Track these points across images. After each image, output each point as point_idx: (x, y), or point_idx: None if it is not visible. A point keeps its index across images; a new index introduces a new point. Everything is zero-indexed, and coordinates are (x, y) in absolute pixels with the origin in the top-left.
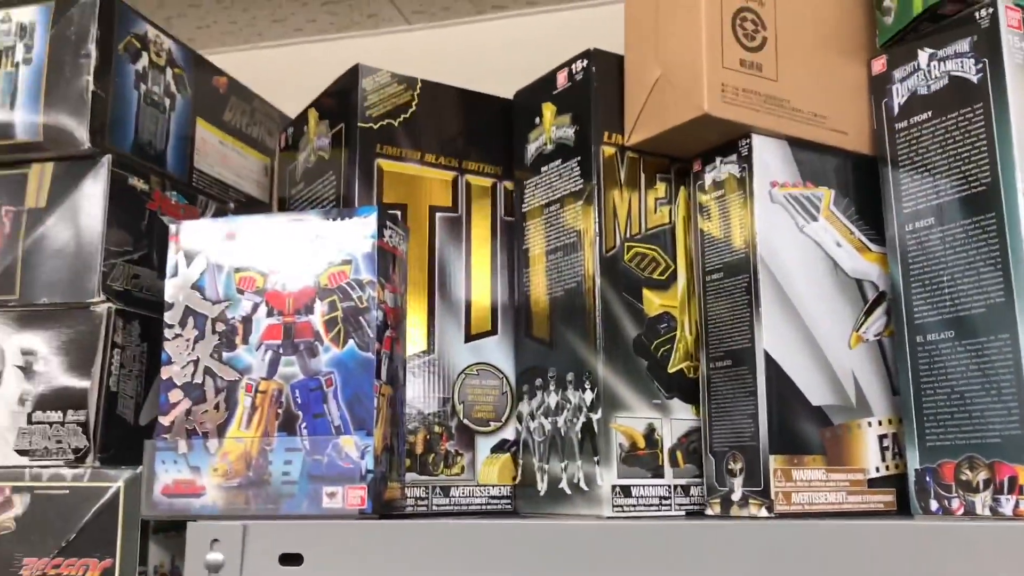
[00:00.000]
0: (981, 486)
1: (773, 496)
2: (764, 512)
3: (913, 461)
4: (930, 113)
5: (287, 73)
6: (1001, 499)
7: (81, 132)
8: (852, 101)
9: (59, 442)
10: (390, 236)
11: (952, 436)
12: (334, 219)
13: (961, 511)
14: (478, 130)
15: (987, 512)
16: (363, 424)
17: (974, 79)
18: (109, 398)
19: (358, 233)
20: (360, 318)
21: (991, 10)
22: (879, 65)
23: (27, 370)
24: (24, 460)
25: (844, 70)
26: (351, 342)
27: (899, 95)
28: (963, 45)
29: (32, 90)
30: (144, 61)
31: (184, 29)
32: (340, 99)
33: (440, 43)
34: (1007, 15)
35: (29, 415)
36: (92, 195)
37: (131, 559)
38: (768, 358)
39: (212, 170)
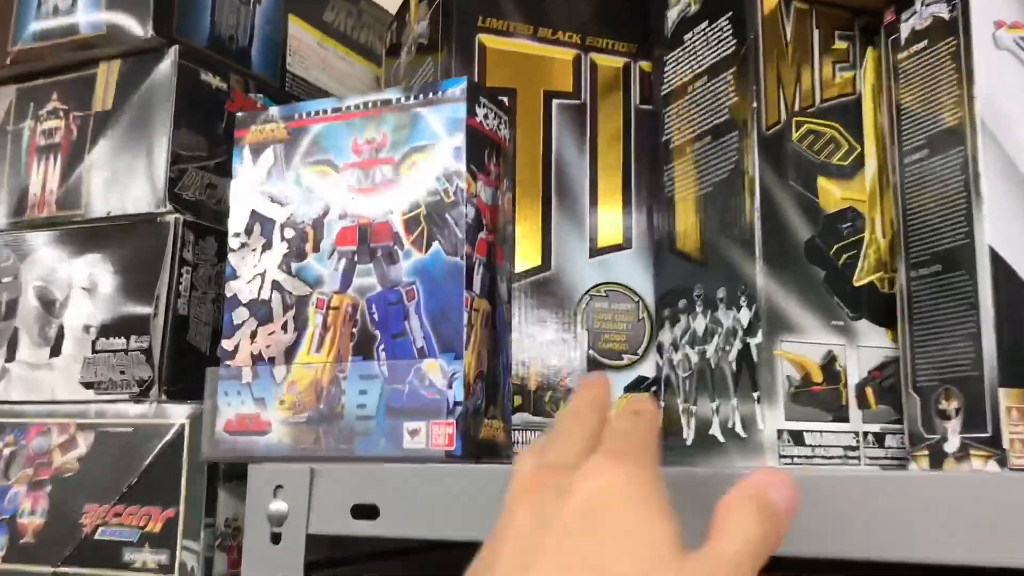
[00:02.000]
0: None
1: (1007, 445)
2: (993, 466)
3: None
4: None
5: None
6: None
7: (144, 21)
8: None
9: (123, 372)
10: (485, 116)
11: None
12: (416, 96)
13: None
14: (606, 1)
15: None
16: (451, 345)
17: None
18: (177, 323)
19: (445, 112)
20: (447, 215)
21: None
22: None
23: (92, 292)
24: (90, 394)
25: None
26: (436, 244)
27: None
28: None
29: None
30: None
31: None
32: None
33: None
34: None
35: (93, 343)
36: (158, 92)
37: (196, 509)
38: (995, 257)
39: (309, 75)
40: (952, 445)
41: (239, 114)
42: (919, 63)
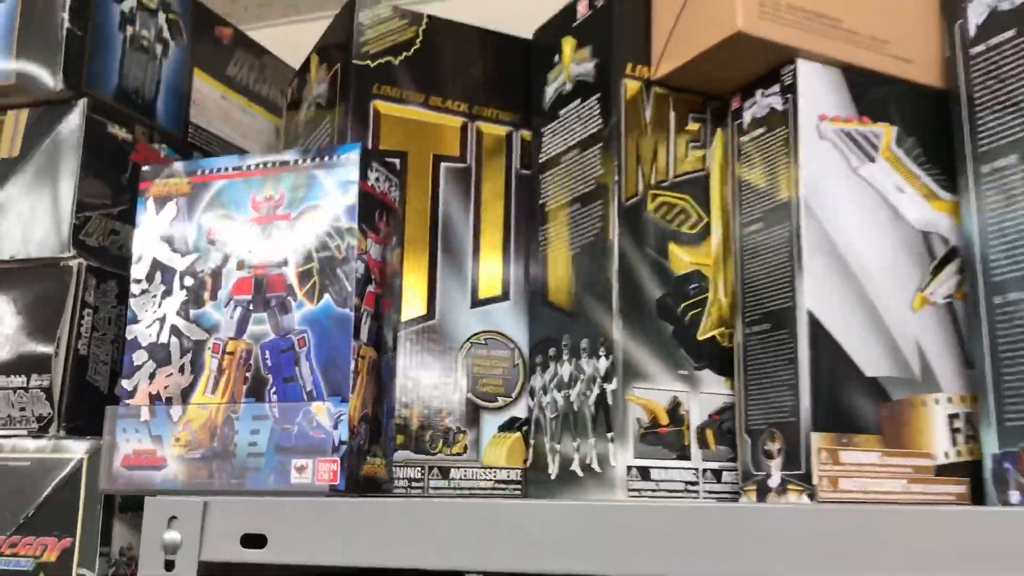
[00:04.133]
0: None
1: (816, 481)
2: (806, 500)
3: (990, 445)
4: (1015, 31)
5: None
6: None
7: (55, 72)
8: (919, 24)
9: (23, 409)
10: (376, 180)
11: None
12: (313, 159)
13: None
14: (493, 73)
15: None
16: (338, 389)
17: None
18: (78, 362)
19: (339, 174)
20: (338, 270)
21: None
22: None
23: None
24: None
25: None
26: (327, 296)
27: (975, 14)
28: None
29: (4, 29)
30: (131, 2)
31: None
32: (336, 37)
33: None
34: None
35: None
36: (66, 141)
37: (92, 538)
38: (812, 319)
39: (212, 126)
40: (775, 481)
41: (144, 168)
42: (758, 146)
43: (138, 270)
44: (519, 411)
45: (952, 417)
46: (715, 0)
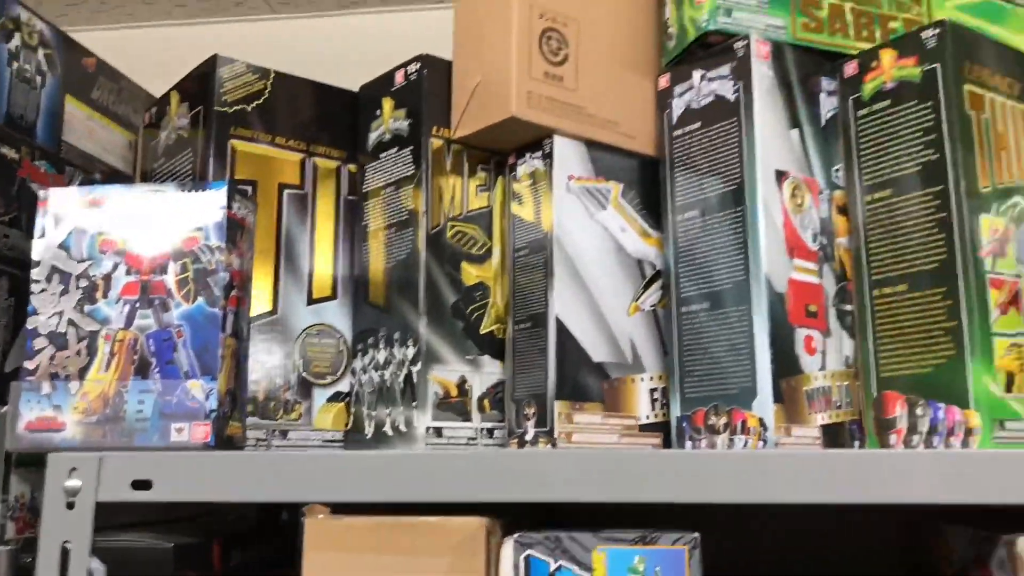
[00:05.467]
0: (721, 428)
1: (556, 435)
2: (549, 448)
3: (675, 410)
4: (699, 124)
5: (157, 53)
6: (735, 439)
7: None
8: (642, 110)
9: None
10: (238, 208)
11: (703, 389)
12: (189, 191)
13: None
14: (326, 118)
15: (725, 449)
16: (209, 370)
17: (731, 98)
18: None
19: (209, 204)
20: (208, 279)
21: (745, 43)
22: (663, 81)
23: None
24: None
25: (637, 84)
26: (200, 299)
27: (677, 108)
28: (725, 70)
29: None
30: (17, 41)
31: (54, 6)
32: (199, 84)
33: (302, 32)
34: (758, 48)
35: None
36: None
37: None
38: (558, 321)
39: (79, 143)
40: (530, 435)
41: (51, 189)
42: (526, 193)
43: (38, 273)
44: (343, 387)
45: (653, 390)
46: (496, 90)
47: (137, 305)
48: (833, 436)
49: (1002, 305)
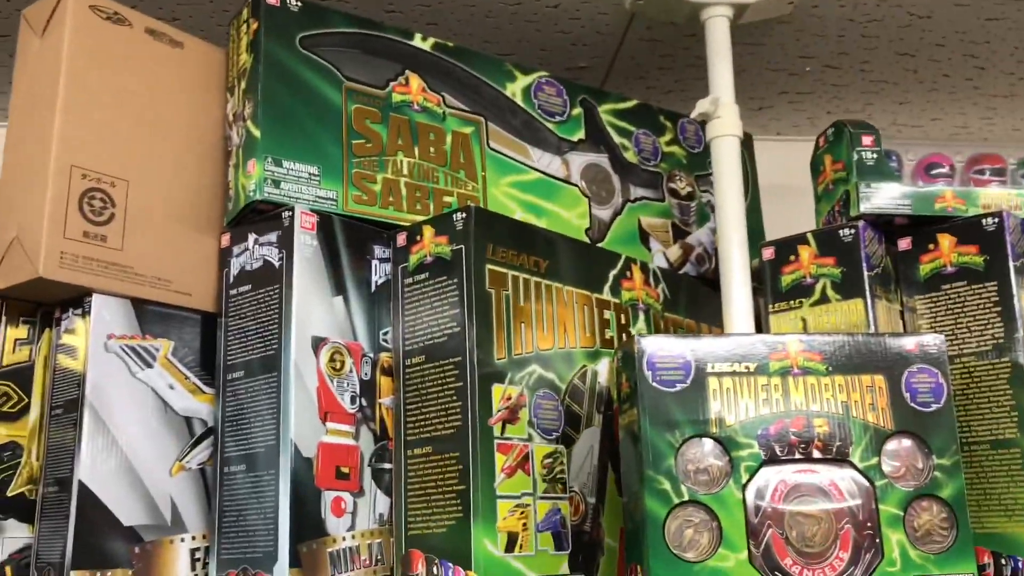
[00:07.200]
0: None
1: None
2: None
3: (212, 570)
4: (251, 285)
5: None
6: None
7: None
8: (204, 267)
9: None
10: None
11: (236, 551)
12: None
13: None
14: None
15: None
16: None
17: (276, 264)
18: None
19: None
20: None
21: (290, 214)
22: (225, 240)
23: None
24: None
25: (197, 241)
26: None
27: (235, 267)
28: (272, 237)
29: None
30: None
31: None
32: None
33: None
34: (302, 219)
35: None
36: None
37: None
38: (82, 485)
39: None
40: None
41: None
42: (71, 348)
43: None
44: None
45: (194, 550)
46: (27, 248)
47: None
48: None
49: (508, 468)
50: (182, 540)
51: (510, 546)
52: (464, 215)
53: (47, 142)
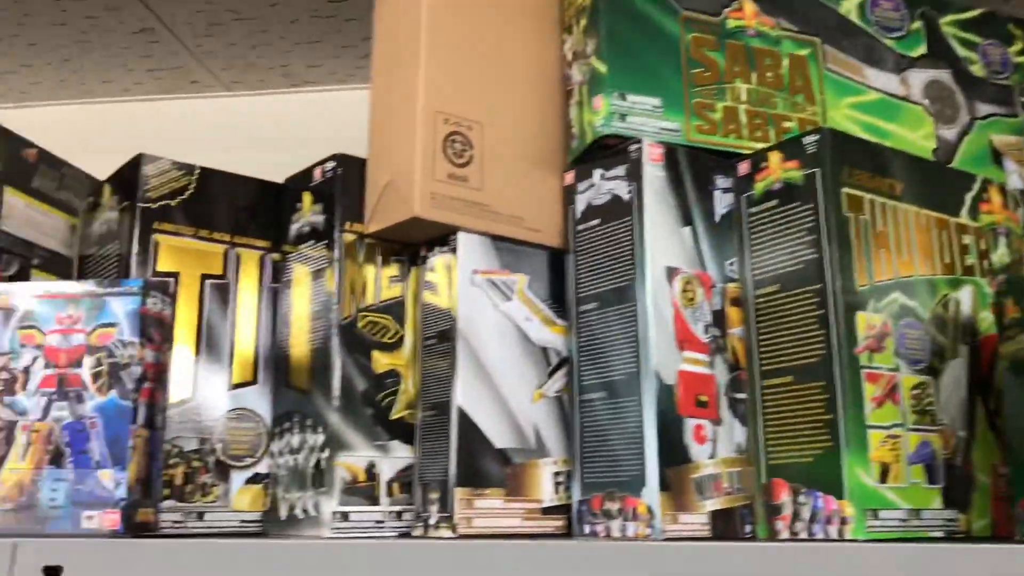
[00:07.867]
0: (616, 514)
1: (457, 521)
2: (449, 533)
3: (576, 494)
4: (599, 220)
5: (114, 127)
6: (628, 525)
7: None
8: (549, 204)
9: None
10: (153, 303)
11: (601, 475)
12: (105, 288)
13: (604, 534)
14: (249, 209)
15: (617, 535)
16: (120, 460)
17: (626, 197)
18: None
19: (124, 301)
20: (121, 372)
21: (638, 146)
22: (569, 178)
23: None
24: None
25: (543, 180)
26: (113, 392)
27: (580, 203)
28: (620, 171)
29: None
30: None
31: (18, 82)
32: (127, 180)
33: (254, 109)
34: (650, 151)
35: None
36: None
37: None
38: (460, 410)
39: (18, 231)
40: (433, 519)
41: None
42: (437, 283)
43: None
44: (262, 468)
45: (556, 474)
46: (402, 190)
47: (54, 397)
48: (724, 521)
49: (877, 399)
50: (545, 464)
51: (883, 477)
52: (817, 137)
53: (413, 91)
